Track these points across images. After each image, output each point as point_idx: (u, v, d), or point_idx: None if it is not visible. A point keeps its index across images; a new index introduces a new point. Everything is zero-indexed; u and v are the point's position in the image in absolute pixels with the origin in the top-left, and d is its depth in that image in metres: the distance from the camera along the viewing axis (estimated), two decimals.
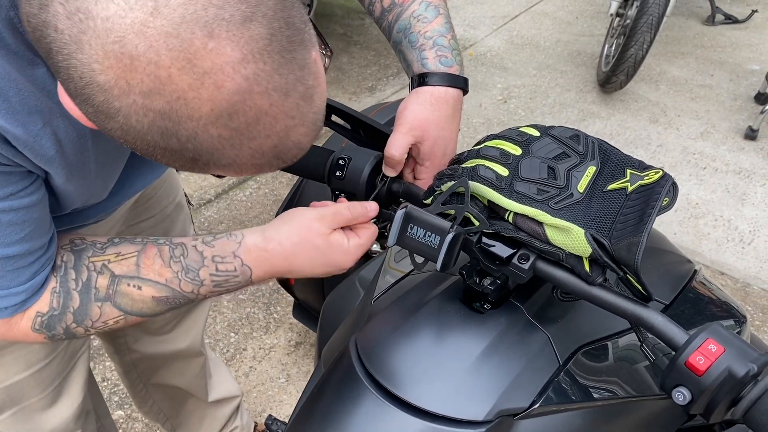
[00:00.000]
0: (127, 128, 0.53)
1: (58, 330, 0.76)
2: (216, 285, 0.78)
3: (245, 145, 0.55)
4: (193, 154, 0.55)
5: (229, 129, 0.53)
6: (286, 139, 0.57)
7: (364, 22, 4.16)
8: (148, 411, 1.58)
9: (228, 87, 0.51)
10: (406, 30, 0.92)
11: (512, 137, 0.81)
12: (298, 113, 0.56)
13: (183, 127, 0.52)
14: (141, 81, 0.50)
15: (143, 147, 0.55)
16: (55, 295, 0.74)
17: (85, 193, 0.79)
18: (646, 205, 0.73)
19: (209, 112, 0.52)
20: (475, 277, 0.81)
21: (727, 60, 3.85)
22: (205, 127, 0.52)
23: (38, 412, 1.06)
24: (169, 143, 0.54)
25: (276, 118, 0.55)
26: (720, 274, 2.46)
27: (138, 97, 0.50)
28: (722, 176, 2.93)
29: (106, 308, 0.76)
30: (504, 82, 3.61)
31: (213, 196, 2.73)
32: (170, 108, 0.51)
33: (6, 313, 0.73)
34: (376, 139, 0.94)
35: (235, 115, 0.52)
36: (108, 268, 0.75)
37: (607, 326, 0.85)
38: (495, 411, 0.73)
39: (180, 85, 0.50)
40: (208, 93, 0.51)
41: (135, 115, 0.51)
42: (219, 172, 0.60)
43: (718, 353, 0.63)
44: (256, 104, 0.53)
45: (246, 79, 0.51)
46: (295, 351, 2.13)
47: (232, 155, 0.56)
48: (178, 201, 1.28)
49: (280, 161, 0.60)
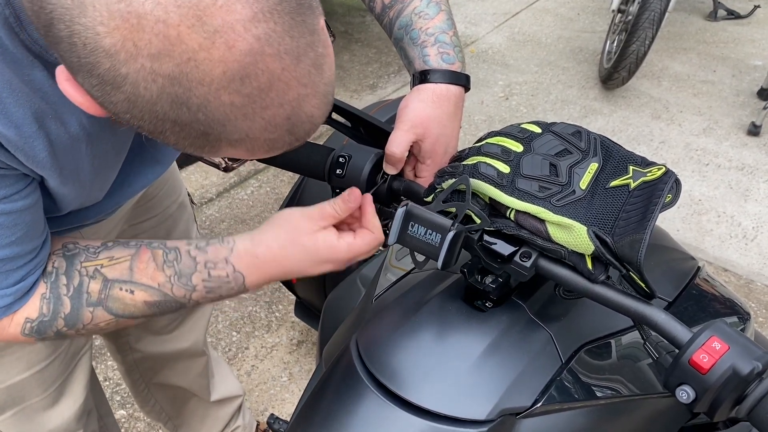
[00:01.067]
0: (135, 98, 0.50)
1: (49, 334, 0.75)
2: (208, 291, 0.77)
3: (258, 114, 0.53)
4: (204, 126, 0.52)
5: (241, 95, 0.51)
6: (298, 110, 0.55)
7: (365, 19, 4.15)
8: (150, 410, 1.58)
9: (239, 47, 0.49)
10: (407, 27, 0.92)
11: (514, 134, 0.81)
12: (309, 81, 0.54)
13: (194, 94, 0.50)
14: (149, 42, 0.47)
15: (151, 120, 0.52)
16: (45, 300, 0.73)
17: (81, 195, 0.78)
18: (649, 201, 0.72)
19: (221, 75, 0.49)
20: (477, 275, 0.80)
21: (730, 55, 3.84)
22: (217, 93, 0.50)
23: (40, 411, 1.06)
24: (179, 114, 0.51)
25: (288, 85, 0.53)
26: (723, 271, 2.45)
27: (146, 60, 0.48)
28: (725, 172, 2.92)
29: (97, 312, 0.75)
30: (505, 79, 3.60)
31: (214, 195, 2.73)
32: (180, 71, 0.49)
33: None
34: (377, 137, 0.93)
35: (248, 79, 0.50)
36: (101, 273, 0.75)
37: (609, 324, 0.84)
38: (497, 410, 0.72)
39: (190, 45, 0.48)
40: (219, 53, 0.48)
41: (143, 81, 0.49)
42: (230, 151, 0.57)
43: (722, 351, 0.63)
44: (268, 67, 0.51)
45: (258, 39, 0.49)
46: (297, 350, 2.13)
47: (245, 127, 0.54)
48: (181, 200, 1.27)
49: (293, 137, 0.57)
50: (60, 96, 0.64)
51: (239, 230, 2.55)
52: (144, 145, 0.87)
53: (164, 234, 1.23)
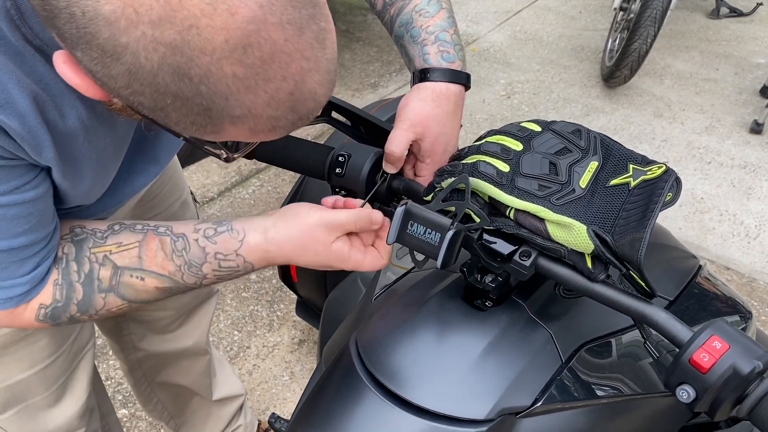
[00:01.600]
0: (136, 69, 0.49)
1: (63, 319, 0.77)
2: (218, 278, 0.80)
3: (260, 87, 0.52)
4: (206, 100, 0.52)
5: (243, 65, 0.50)
6: (301, 85, 0.54)
7: (366, 18, 4.15)
8: (153, 409, 1.58)
9: (242, 14, 0.48)
10: (407, 24, 0.92)
11: (513, 132, 0.81)
12: (312, 55, 0.54)
13: (196, 63, 0.49)
14: (150, 7, 0.46)
15: (152, 95, 0.51)
16: (57, 287, 0.75)
17: (81, 191, 0.78)
18: (649, 200, 0.72)
19: (223, 43, 0.49)
20: (477, 274, 0.80)
21: (732, 53, 3.83)
22: (219, 63, 0.49)
23: (42, 410, 1.06)
24: (181, 86, 0.50)
25: (291, 56, 0.52)
26: (725, 269, 2.44)
27: (147, 27, 0.47)
28: (727, 170, 2.91)
29: (109, 298, 0.76)
30: (507, 78, 3.60)
31: (216, 194, 2.73)
32: (182, 39, 0.48)
33: (10, 304, 0.73)
34: (377, 136, 0.93)
35: (250, 48, 0.50)
36: (110, 260, 0.76)
37: (610, 323, 0.84)
38: (497, 409, 0.72)
39: (192, 11, 0.47)
40: (221, 20, 0.48)
41: (144, 51, 0.48)
42: (232, 131, 0.56)
43: (723, 350, 0.63)
44: (270, 36, 0.50)
45: (260, 7, 0.49)
46: (298, 349, 2.13)
47: (248, 102, 0.53)
48: (184, 199, 1.28)
49: (296, 115, 0.57)
50: (60, 89, 0.65)
51: None
52: (143, 143, 0.87)
53: None
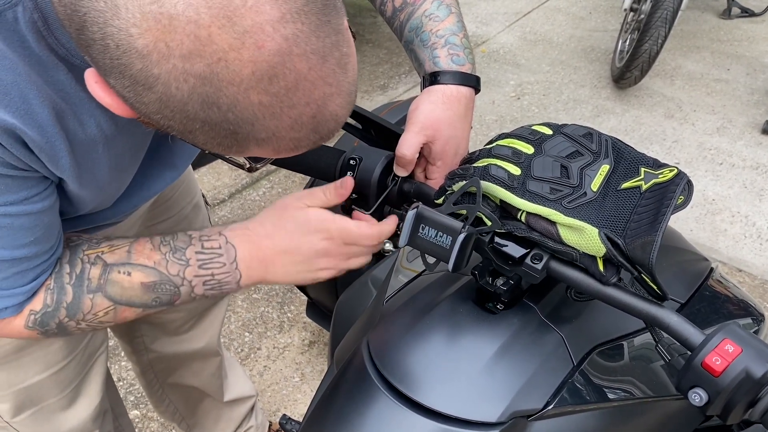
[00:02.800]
0: (167, 98, 0.52)
1: (51, 326, 0.76)
2: (201, 265, 0.77)
3: (285, 113, 0.54)
4: (233, 125, 0.54)
5: (269, 94, 0.52)
6: (323, 109, 0.56)
7: (375, 20, 4.16)
8: (164, 411, 1.59)
9: (269, 47, 0.50)
10: (417, 29, 0.92)
11: (524, 136, 0.81)
12: (335, 80, 0.55)
13: (224, 93, 0.51)
14: (181, 42, 0.48)
15: (182, 121, 0.54)
16: (48, 291, 0.75)
17: (97, 197, 0.79)
18: (661, 203, 0.72)
19: (250, 74, 0.50)
20: (488, 277, 0.80)
21: (744, 54, 3.81)
22: (246, 93, 0.51)
23: (57, 412, 1.07)
24: (209, 113, 0.52)
25: (314, 84, 0.54)
26: (737, 271, 2.43)
27: (178, 60, 0.49)
28: (739, 172, 2.90)
29: (97, 299, 0.76)
30: (517, 79, 3.59)
31: (227, 196, 2.74)
32: (211, 71, 0.50)
33: (6, 314, 0.74)
34: (388, 139, 0.94)
35: (276, 78, 0.51)
36: (101, 258, 0.76)
37: (621, 326, 0.84)
38: (508, 412, 0.72)
39: (221, 45, 0.49)
40: (249, 53, 0.50)
41: (175, 81, 0.50)
42: (257, 150, 0.58)
43: (735, 354, 0.63)
44: (295, 67, 0.52)
45: (286, 40, 0.50)
46: (308, 350, 2.14)
47: (272, 126, 0.55)
48: (196, 202, 1.28)
49: (317, 135, 0.58)
50: (80, 98, 0.65)
51: None
52: (160, 150, 0.88)
53: None
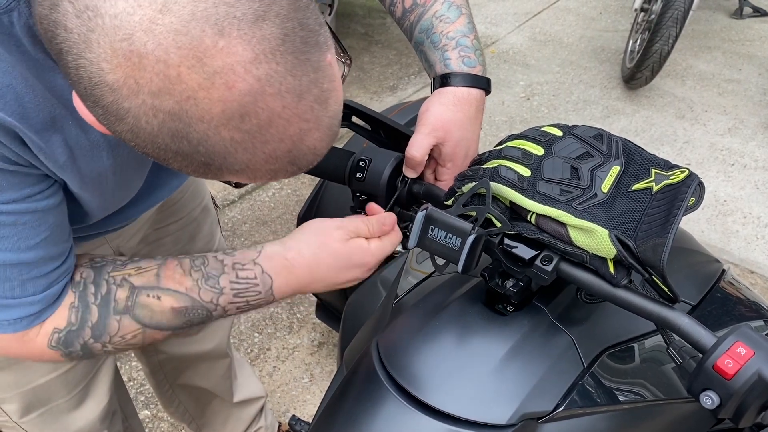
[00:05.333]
0: (137, 130, 0.52)
1: (76, 346, 0.74)
2: (236, 294, 0.77)
3: (258, 149, 0.54)
4: (204, 157, 0.54)
5: (241, 132, 0.52)
6: (300, 144, 0.55)
7: (385, 21, 4.16)
8: (174, 411, 1.59)
9: (239, 87, 0.49)
10: (428, 30, 0.92)
11: (534, 137, 0.80)
12: (312, 117, 0.54)
13: (194, 129, 0.51)
14: (150, 80, 0.48)
15: (154, 150, 0.54)
16: (73, 310, 0.73)
17: (104, 203, 0.78)
18: (672, 205, 0.71)
19: (220, 113, 0.50)
20: (498, 278, 0.80)
21: (756, 54, 3.78)
22: (217, 129, 0.51)
23: (65, 413, 1.08)
24: (180, 146, 0.52)
25: (289, 121, 0.53)
26: (749, 273, 2.41)
27: (147, 97, 0.49)
28: (751, 172, 2.87)
29: (124, 321, 0.74)
30: (527, 80, 3.58)
31: (236, 197, 2.75)
32: (180, 108, 0.50)
33: (21, 326, 0.71)
34: (397, 140, 0.94)
35: (247, 117, 0.51)
36: (128, 281, 0.74)
37: (632, 328, 0.84)
38: (518, 414, 0.72)
39: (190, 85, 0.49)
40: (218, 93, 0.49)
41: (144, 116, 0.50)
42: (232, 178, 0.58)
43: (748, 356, 0.62)
44: (268, 106, 0.51)
45: (258, 80, 0.50)
46: (318, 351, 2.14)
47: (245, 159, 0.54)
48: (205, 204, 1.29)
49: (295, 167, 0.58)
50: None
51: (261, 232, 2.57)
52: None
53: (188, 237, 1.24)
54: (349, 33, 4.00)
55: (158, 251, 1.19)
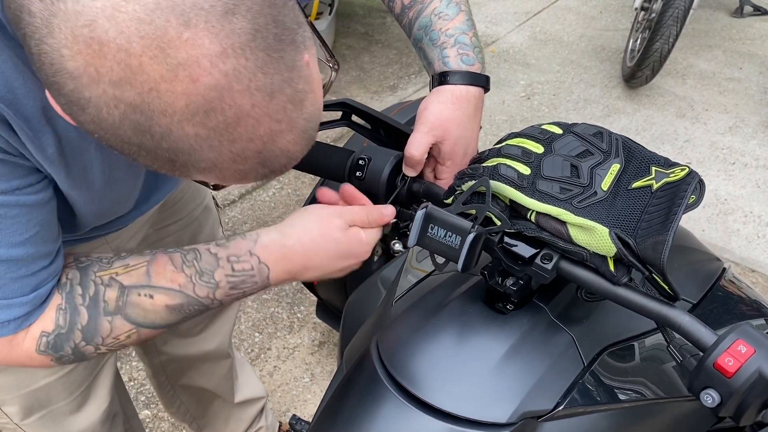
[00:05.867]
0: (99, 121, 0.50)
1: (66, 350, 0.71)
2: (232, 287, 0.75)
3: (225, 147, 0.51)
4: (169, 153, 0.52)
5: (206, 128, 0.50)
6: (271, 145, 0.53)
7: (385, 20, 4.16)
8: (176, 411, 1.59)
9: (204, 81, 0.48)
10: (426, 27, 0.92)
11: (534, 135, 0.80)
12: (285, 117, 0.52)
13: (156, 123, 0.49)
14: (111, 69, 0.47)
15: (118, 143, 0.52)
16: (61, 312, 0.70)
17: (93, 204, 0.76)
18: (672, 203, 0.71)
19: (184, 107, 0.48)
20: (498, 277, 0.80)
21: (757, 52, 3.78)
22: (180, 124, 0.49)
23: (66, 415, 1.08)
24: (143, 140, 0.50)
25: (259, 121, 0.51)
26: (750, 272, 2.41)
27: (108, 86, 0.48)
28: (752, 171, 2.87)
29: (116, 322, 0.72)
30: (527, 79, 3.58)
31: (237, 197, 2.75)
32: (142, 100, 0.48)
33: (9, 329, 0.68)
34: (397, 139, 0.93)
35: (213, 113, 0.49)
36: (116, 281, 0.72)
37: (632, 327, 0.84)
38: (518, 413, 0.72)
39: (152, 76, 0.47)
40: (182, 86, 0.47)
41: (105, 106, 0.49)
42: (200, 177, 0.56)
43: (748, 354, 0.62)
44: (236, 103, 0.49)
45: (225, 75, 0.48)
46: (318, 350, 2.14)
47: (212, 158, 0.52)
48: (206, 204, 1.28)
49: (267, 169, 0.56)
50: None
51: None
52: None
53: (190, 237, 1.23)
54: (350, 32, 4.00)
55: None
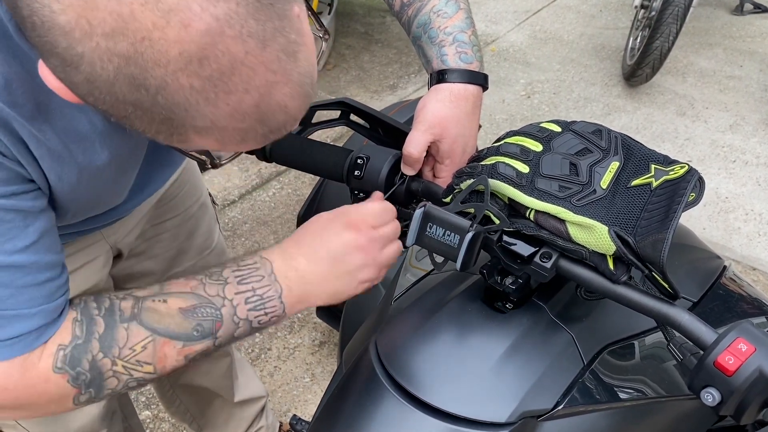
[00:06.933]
0: (93, 78, 0.49)
1: (84, 365, 0.68)
2: (240, 280, 0.74)
3: (221, 100, 0.50)
4: (166, 110, 0.51)
5: (201, 78, 0.49)
6: (268, 98, 0.52)
7: (385, 20, 4.15)
8: (176, 411, 1.59)
9: (196, 26, 0.47)
10: (425, 25, 0.91)
11: (533, 133, 0.80)
12: (280, 68, 0.51)
13: (151, 75, 0.48)
14: (103, 20, 0.46)
15: (113, 104, 0.51)
16: (77, 323, 0.69)
17: (99, 197, 0.77)
18: (672, 200, 0.71)
19: (177, 56, 0.47)
20: (497, 276, 0.79)
21: (757, 50, 3.77)
22: (175, 75, 0.48)
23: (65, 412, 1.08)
24: (139, 97, 0.50)
25: (254, 69, 0.50)
26: (751, 270, 2.40)
27: (101, 39, 0.47)
28: (753, 169, 2.87)
29: (132, 328, 0.70)
30: (527, 77, 3.58)
31: (237, 197, 2.75)
32: (135, 51, 0.47)
33: (18, 347, 0.65)
34: (396, 138, 0.93)
35: (206, 60, 0.48)
36: (131, 294, 0.72)
37: (632, 325, 0.83)
38: (518, 412, 0.72)
39: (144, 24, 0.46)
40: (174, 33, 0.47)
41: (99, 61, 0.48)
42: (199, 141, 0.55)
43: (749, 353, 0.62)
44: (229, 50, 0.48)
45: (216, 20, 0.47)
46: (319, 350, 2.14)
47: (209, 113, 0.51)
48: (203, 201, 1.28)
49: (266, 128, 0.55)
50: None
51: (261, 232, 2.56)
52: (159, 149, 0.87)
53: (187, 234, 1.24)
54: (349, 32, 4.00)
55: (156, 247, 1.19)
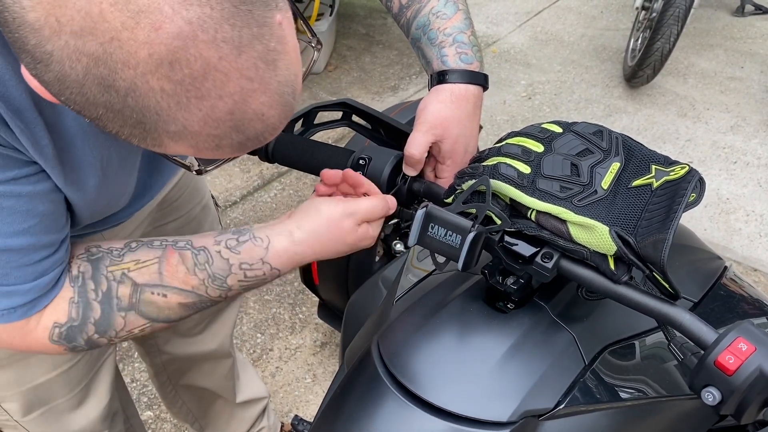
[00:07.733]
0: (63, 77, 0.48)
1: (79, 341, 0.73)
2: (244, 288, 0.80)
3: (194, 105, 0.49)
4: (137, 114, 0.49)
5: (172, 82, 0.48)
6: (243, 105, 0.51)
7: (386, 21, 4.16)
8: (178, 412, 1.60)
9: (167, 29, 0.46)
10: (425, 27, 0.92)
11: (534, 134, 0.80)
12: (256, 76, 0.50)
13: (120, 76, 0.47)
14: (71, 18, 0.45)
15: (84, 105, 0.50)
16: (73, 305, 0.72)
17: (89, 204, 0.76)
18: (672, 201, 0.71)
19: (147, 57, 0.46)
20: (498, 276, 0.80)
21: (758, 51, 3.77)
22: (144, 77, 0.47)
23: (66, 412, 1.08)
24: (109, 98, 0.48)
25: (228, 75, 0.49)
26: (752, 271, 2.40)
27: (69, 37, 0.46)
28: (754, 170, 2.87)
29: (130, 317, 0.73)
30: (528, 79, 3.58)
31: (238, 198, 2.75)
32: (104, 51, 0.46)
33: (15, 315, 0.70)
34: (397, 139, 0.94)
35: (178, 64, 0.47)
36: (128, 277, 0.73)
37: (633, 325, 0.83)
38: (519, 412, 0.72)
39: (113, 24, 0.45)
40: (144, 34, 0.46)
41: (68, 59, 0.47)
42: (173, 146, 0.53)
43: (749, 352, 0.62)
44: (202, 54, 0.47)
45: (189, 23, 0.46)
46: (320, 351, 2.14)
47: (181, 118, 0.50)
48: (205, 203, 1.29)
49: (242, 135, 0.53)
50: None
51: None
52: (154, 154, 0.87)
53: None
54: (350, 33, 4.00)
55: None
